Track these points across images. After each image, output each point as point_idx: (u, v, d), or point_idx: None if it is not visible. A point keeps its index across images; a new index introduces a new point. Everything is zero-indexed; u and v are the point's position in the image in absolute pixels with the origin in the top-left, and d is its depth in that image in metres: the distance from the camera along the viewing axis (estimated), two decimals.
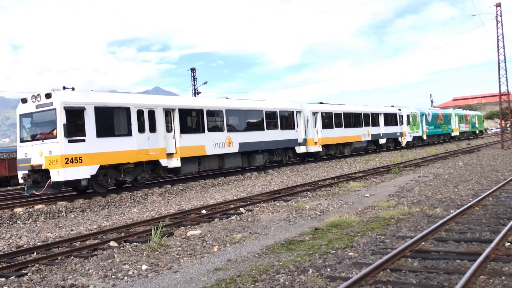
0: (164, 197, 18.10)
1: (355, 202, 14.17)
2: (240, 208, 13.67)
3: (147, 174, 19.82)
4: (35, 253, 9.62)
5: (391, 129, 41.67)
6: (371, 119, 38.25)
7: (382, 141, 40.24)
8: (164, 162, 19.95)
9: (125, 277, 7.58)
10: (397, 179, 19.57)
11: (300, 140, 29.47)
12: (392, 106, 44.51)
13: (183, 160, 20.89)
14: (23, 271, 8.29)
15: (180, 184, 20.61)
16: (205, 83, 52.89)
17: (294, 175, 23.47)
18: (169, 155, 20.35)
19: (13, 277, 7.95)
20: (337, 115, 33.52)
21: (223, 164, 23.45)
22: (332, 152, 33.13)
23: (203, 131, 22.19)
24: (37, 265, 8.64)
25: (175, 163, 20.49)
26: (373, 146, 40.39)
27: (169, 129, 20.57)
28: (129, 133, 18.54)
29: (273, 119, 27.20)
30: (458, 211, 10.88)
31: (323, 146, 31.41)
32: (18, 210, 15.17)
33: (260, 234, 10.26)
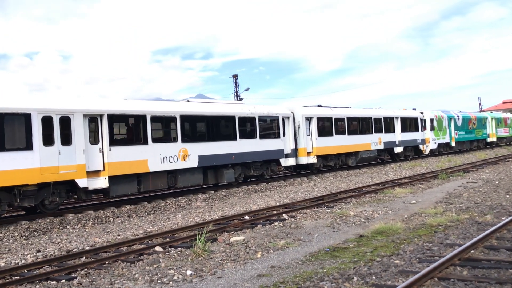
0: (208, 202, 18.28)
1: (401, 208, 13.88)
2: (283, 214, 13.62)
3: (58, 198, 15.70)
4: (84, 257, 9.90)
5: (410, 136, 35.56)
6: (384, 124, 32.55)
7: (398, 149, 33.97)
8: (82, 182, 15.61)
9: (170, 282, 7.69)
10: (444, 185, 19.04)
11: (287, 151, 24.39)
12: (414, 109, 38.80)
13: (114, 179, 16.64)
14: (73, 275, 8.55)
15: (223, 190, 20.77)
16: (247, 89, 53.30)
17: (338, 181, 23.22)
18: (93, 173, 16.15)
19: (63, 281, 8.21)
20: (339, 120, 28.34)
21: (176, 182, 19.08)
22: (332, 163, 27.88)
23: (146, 142, 17.73)
24: (86, 269, 8.90)
25: (100, 183, 16.27)
26: (386, 155, 34.12)
27: (94, 140, 16.45)
28: (28, 147, 14.51)
29: (249, 126, 22.42)
30: (510, 218, 10.47)
31: (319, 156, 26.27)
32: (69, 215, 15.66)
33: (303, 241, 10.20)
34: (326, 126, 27.26)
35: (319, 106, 28.35)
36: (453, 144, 41.80)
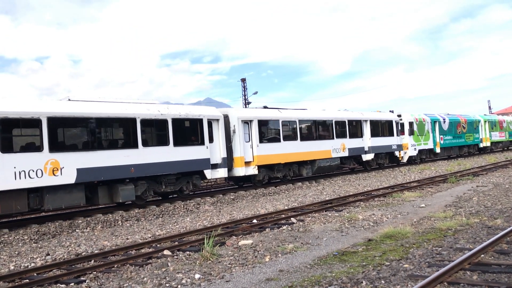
0: (216, 206, 18.28)
1: (410, 212, 13.80)
2: (291, 218, 13.60)
3: None
4: (92, 261, 9.94)
5: (383, 141, 31.28)
6: (350, 128, 28.43)
7: (368, 157, 29.82)
8: None
9: (179, 286, 7.70)
10: (454, 189, 18.92)
11: (216, 160, 20.28)
12: (391, 111, 35.04)
13: None
14: (82, 278, 8.58)
15: (231, 194, 20.76)
16: (255, 93, 53.28)
17: (346, 185, 23.15)
18: None
19: (72, 284, 8.25)
20: (288, 124, 24.39)
21: (42, 203, 14.94)
22: (280, 174, 23.92)
23: None
24: (95, 272, 8.93)
25: None
26: (352, 163, 29.98)
27: None
28: None
29: (158, 131, 18.34)
30: None
31: (262, 167, 22.53)
32: (78, 219, 15.73)
33: (312, 245, 10.16)
34: (271, 131, 23.55)
35: (265, 107, 25.31)
36: (437, 150, 37.65)
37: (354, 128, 29.06)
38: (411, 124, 34.68)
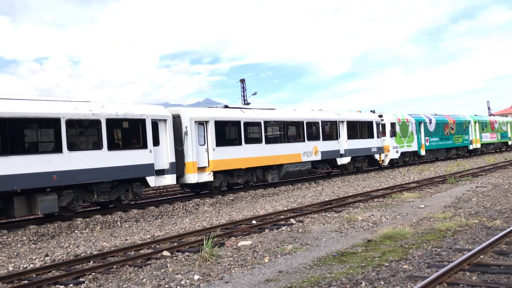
0: (215, 207, 18.27)
1: (409, 213, 13.80)
2: (291, 219, 13.59)
3: None
4: (91, 262, 9.92)
5: (362, 143, 28.99)
6: (323, 130, 26.12)
7: (344, 160, 27.45)
8: None
9: (178, 287, 7.69)
10: (453, 190, 18.92)
11: (162, 165, 18.08)
12: (372, 111, 32.97)
13: None
14: (81, 279, 8.57)
15: (230, 195, 20.74)
16: (255, 94, 53.30)
17: (345, 186, 23.15)
18: None
19: (71, 285, 8.24)
20: (252, 125, 22.08)
21: None
22: (240, 180, 21.62)
23: None
24: (94, 273, 8.92)
25: None
26: (326, 168, 27.22)
27: None
28: None
29: (88, 133, 16.39)
30: None
31: (219, 172, 20.35)
32: (77, 220, 15.71)
33: (311, 246, 10.16)
34: (230, 133, 21.37)
35: (226, 106, 23.30)
36: (422, 152, 35.31)
37: (328, 130, 26.88)
38: (393, 125, 32.42)
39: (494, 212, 12.87)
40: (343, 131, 27.67)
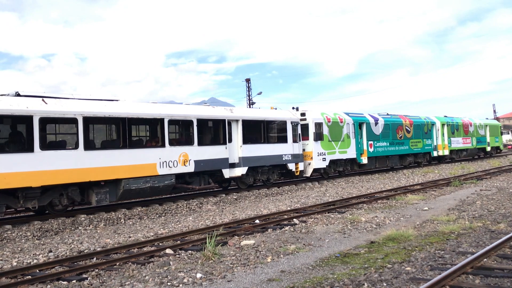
0: (219, 206, 18.29)
1: (413, 215, 13.78)
2: (294, 219, 13.59)
3: None
4: (95, 258, 9.95)
5: (267, 149, 22.08)
6: (200, 130, 19.31)
7: (235, 172, 20.73)
8: None
9: (180, 285, 7.71)
10: (457, 192, 18.87)
11: None
12: (295, 108, 25.85)
13: None
14: (84, 276, 8.59)
15: (234, 194, 20.75)
16: (260, 93, 53.27)
17: (349, 187, 23.11)
18: None
19: (74, 281, 8.26)
20: (58, 123, 15.60)
21: None
22: (32, 205, 14.61)
23: None
24: (97, 270, 8.94)
25: None
26: (206, 182, 19.95)
27: None
28: None
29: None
30: None
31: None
32: (81, 216, 15.76)
33: (314, 246, 10.16)
34: (15, 135, 14.62)
35: (17, 94, 14.90)
36: (363, 160, 28.74)
37: (210, 131, 20.29)
38: (318, 125, 25.43)
39: (498, 215, 12.83)
40: (237, 133, 20.90)
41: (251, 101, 53.02)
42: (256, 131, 22.09)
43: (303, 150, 24.66)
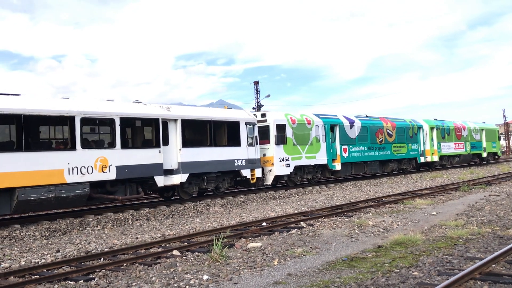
0: (226, 208, 18.30)
1: (421, 220, 13.70)
2: (301, 222, 13.56)
3: None
4: (102, 259, 9.99)
5: (214, 154, 19.52)
6: (124, 131, 16.84)
7: (172, 179, 18.11)
8: None
9: (187, 286, 7.71)
10: (466, 197, 18.74)
11: None
12: (257, 108, 24.95)
13: None
14: (91, 276, 8.63)
15: (241, 196, 20.76)
16: (268, 96, 53.29)
17: (357, 190, 23.04)
18: None
19: (81, 281, 8.30)
20: None
21: None
22: None
23: None
24: (104, 270, 8.98)
25: None
26: (133, 191, 17.17)
27: None
28: None
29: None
30: None
31: None
32: (89, 217, 15.83)
33: (321, 249, 10.13)
34: None
35: None
36: (336, 167, 26.01)
37: (139, 132, 18.10)
38: (281, 127, 22.83)
39: (507, 221, 12.72)
40: (175, 134, 18.28)
41: (259, 104, 53.06)
42: (200, 132, 19.53)
43: (263, 155, 22.34)
